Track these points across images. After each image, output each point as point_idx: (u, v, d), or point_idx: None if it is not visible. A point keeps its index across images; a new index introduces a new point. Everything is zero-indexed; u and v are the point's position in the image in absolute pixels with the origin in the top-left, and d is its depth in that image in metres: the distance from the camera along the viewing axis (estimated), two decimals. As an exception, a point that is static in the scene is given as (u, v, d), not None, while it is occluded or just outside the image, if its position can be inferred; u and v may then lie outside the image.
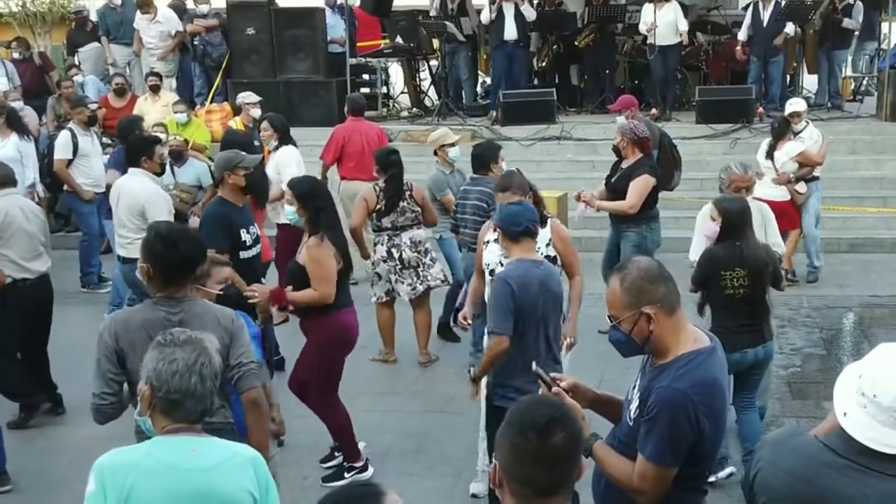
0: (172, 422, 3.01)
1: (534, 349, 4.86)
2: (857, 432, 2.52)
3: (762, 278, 5.70)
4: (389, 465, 6.40)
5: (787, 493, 2.60)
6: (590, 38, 14.85)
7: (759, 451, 2.79)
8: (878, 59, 15.41)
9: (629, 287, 3.19)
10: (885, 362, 2.55)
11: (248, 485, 3.00)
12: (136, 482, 2.88)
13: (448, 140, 8.57)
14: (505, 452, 2.42)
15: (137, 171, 7.47)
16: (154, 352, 3.05)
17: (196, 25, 14.51)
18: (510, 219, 5.01)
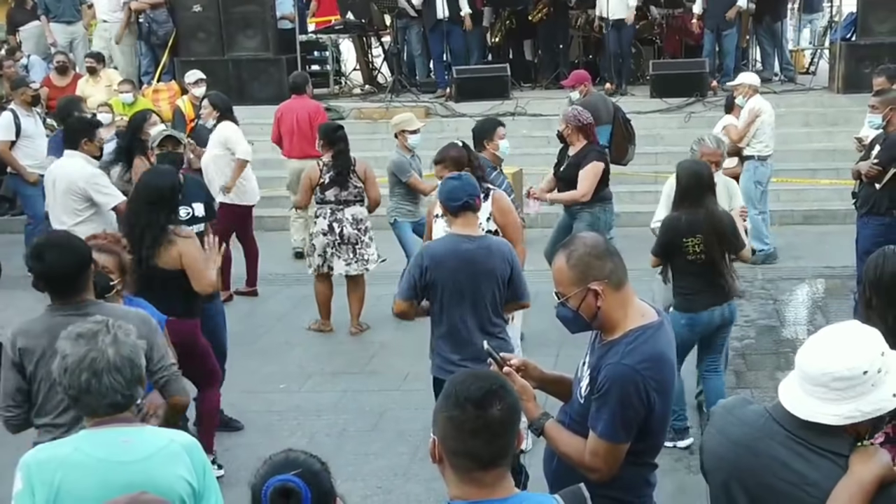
0: (85, 416, 2.95)
1: (461, 323, 4.94)
2: (783, 397, 2.59)
3: (720, 242, 5.75)
4: (346, 445, 6.37)
5: (732, 462, 2.63)
6: (543, 13, 14.76)
7: (710, 418, 2.82)
8: (830, 32, 15.50)
9: (576, 263, 3.15)
10: (818, 334, 2.59)
11: (184, 472, 2.93)
12: (64, 477, 2.81)
13: (411, 126, 8.48)
14: (443, 426, 2.39)
15: (75, 154, 7.22)
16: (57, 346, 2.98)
17: (141, 2, 14.18)
18: (449, 194, 4.99)
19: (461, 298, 4.92)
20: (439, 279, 4.89)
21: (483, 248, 4.96)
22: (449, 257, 4.91)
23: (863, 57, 13.27)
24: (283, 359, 7.89)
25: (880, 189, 7.46)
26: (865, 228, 7.59)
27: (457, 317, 4.95)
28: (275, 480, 2.27)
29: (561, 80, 13.10)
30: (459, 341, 4.95)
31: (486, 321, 4.99)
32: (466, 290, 4.91)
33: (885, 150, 7.45)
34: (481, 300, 4.95)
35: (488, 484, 2.39)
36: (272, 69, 14.35)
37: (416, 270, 4.93)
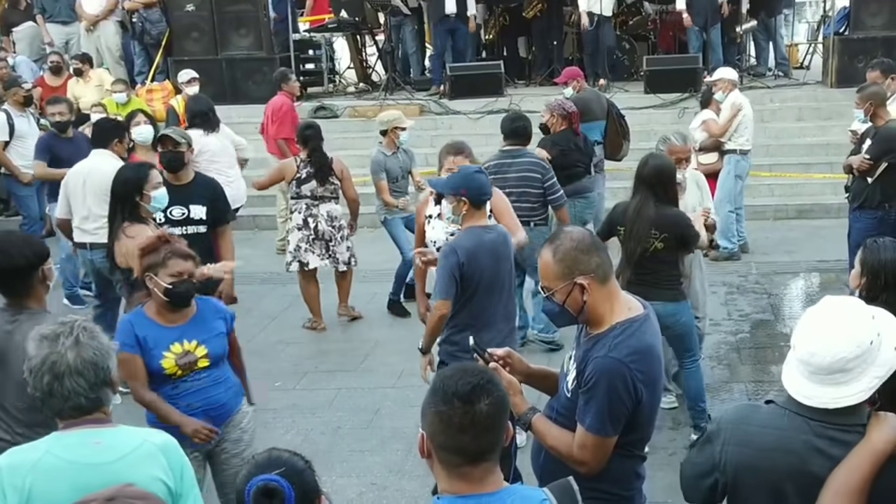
0: (55, 416, 2.93)
1: (488, 310, 5.00)
2: (786, 382, 2.62)
3: (639, 240, 5.65)
4: (341, 442, 6.38)
5: (772, 469, 2.60)
6: (537, 9, 14.77)
7: (718, 434, 2.73)
8: (824, 26, 15.51)
9: (562, 258, 3.16)
10: (810, 318, 2.62)
11: (159, 473, 2.89)
12: (35, 482, 2.78)
13: (402, 123, 8.50)
14: (431, 422, 2.40)
15: (105, 152, 7.23)
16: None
17: (134, 2, 14.14)
18: (481, 188, 4.98)
19: (492, 287, 4.99)
20: (475, 272, 4.91)
21: (500, 237, 5.09)
22: (480, 250, 4.94)
23: (856, 51, 13.28)
24: (277, 357, 7.89)
25: (872, 183, 7.48)
26: (857, 222, 7.61)
27: (486, 305, 5.00)
28: (257, 480, 2.27)
29: (555, 77, 13.10)
30: (483, 328, 4.92)
31: (510, 305, 5.17)
32: (496, 279, 5.00)
33: (876, 145, 7.47)
34: (507, 286, 5.09)
35: (477, 478, 2.40)
36: (266, 68, 14.29)
37: (454, 268, 4.88)
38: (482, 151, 12.28)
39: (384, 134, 8.54)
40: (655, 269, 5.70)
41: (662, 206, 5.65)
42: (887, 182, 7.45)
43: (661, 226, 5.63)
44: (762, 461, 2.63)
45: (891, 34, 13.25)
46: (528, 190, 7.26)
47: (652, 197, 5.65)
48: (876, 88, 7.92)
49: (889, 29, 13.33)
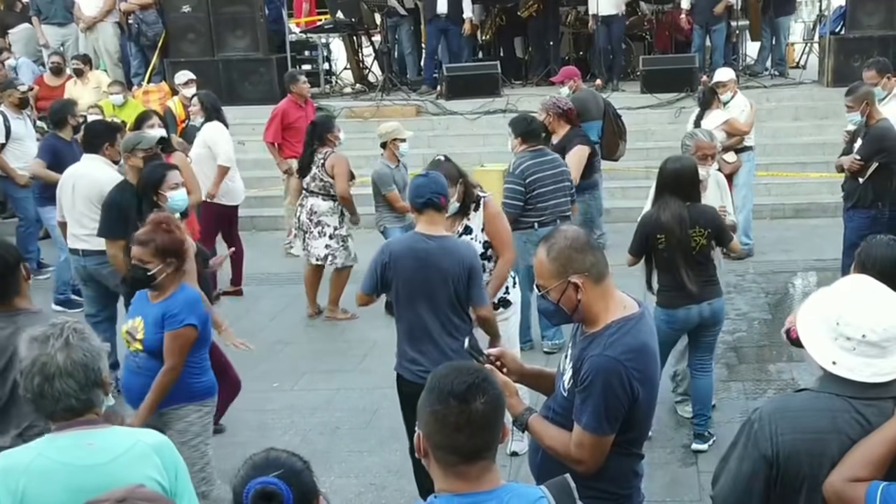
0: (43, 418, 2.94)
1: (418, 321, 4.90)
2: (855, 374, 2.62)
3: (679, 241, 5.64)
4: (339, 442, 6.39)
5: (821, 451, 2.60)
6: (533, 9, 14.75)
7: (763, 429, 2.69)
8: (820, 26, 15.52)
9: (556, 256, 3.17)
10: (856, 302, 2.66)
11: (153, 473, 2.89)
12: (28, 484, 2.76)
13: (401, 135, 8.45)
14: (427, 421, 2.41)
15: (96, 157, 7.21)
16: None
17: (130, 3, 14.13)
18: (414, 190, 4.97)
19: (416, 296, 4.88)
20: (397, 275, 4.88)
21: (440, 248, 4.86)
22: (405, 255, 4.89)
23: (852, 50, 13.30)
24: (276, 357, 7.89)
25: (863, 182, 7.47)
26: (851, 221, 7.61)
27: (413, 314, 4.92)
28: (255, 483, 2.24)
29: (551, 77, 13.11)
30: (416, 339, 4.92)
31: (446, 320, 4.90)
32: (421, 289, 4.85)
33: (867, 144, 7.46)
34: (437, 299, 4.86)
35: (474, 477, 2.41)
36: (262, 69, 14.33)
37: (378, 265, 4.94)
38: (479, 152, 12.36)
39: (384, 147, 8.51)
40: (707, 266, 5.78)
41: (693, 204, 5.71)
42: (879, 181, 7.45)
43: (701, 222, 5.68)
44: (816, 444, 2.63)
45: (887, 33, 13.28)
46: (563, 185, 7.28)
47: (681, 199, 5.66)
48: (868, 87, 7.90)
49: (885, 28, 13.35)
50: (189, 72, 11.31)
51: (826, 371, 2.68)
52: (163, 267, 4.59)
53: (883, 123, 7.59)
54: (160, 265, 4.58)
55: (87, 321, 7.18)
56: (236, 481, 2.31)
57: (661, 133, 13.03)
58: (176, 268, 4.64)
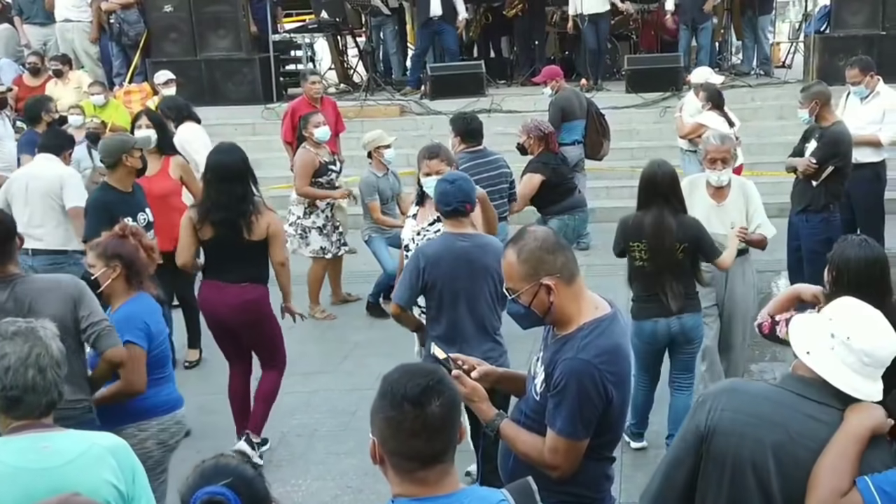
0: (15, 419, 2.84)
1: (460, 323, 4.83)
2: (822, 370, 2.61)
3: (662, 252, 5.43)
4: (317, 444, 6.34)
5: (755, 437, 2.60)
6: (519, 9, 14.71)
7: (704, 402, 2.73)
8: (805, 25, 15.52)
9: (527, 258, 3.08)
10: (856, 311, 2.68)
11: (110, 476, 2.83)
12: None
13: (384, 142, 8.36)
14: (381, 427, 2.32)
15: (52, 158, 7.11)
16: None
17: (111, 3, 14.00)
18: (440, 196, 4.91)
19: (458, 297, 4.81)
20: (437, 278, 4.78)
21: (478, 246, 4.85)
22: (445, 256, 4.81)
23: (837, 49, 13.29)
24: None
25: (817, 185, 7.36)
26: (804, 227, 7.48)
27: (455, 314, 4.84)
28: (203, 493, 2.16)
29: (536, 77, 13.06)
30: (457, 341, 4.79)
31: (485, 320, 4.87)
32: (463, 289, 4.80)
33: (823, 147, 7.33)
34: (478, 299, 4.83)
35: (433, 481, 2.33)
36: (245, 69, 14.25)
37: (414, 272, 4.82)
38: (463, 151, 12.29)
39: (370, 156, 8.45)
40: (686, 279, 5.52)
41: (680, 215, 5.47)
42: (832, 185, 7.36)
43: (679, 235, 5.42)
44: (751, 428, 2.61)
45: (871, 32, 13.29)
46: (502, 186, 7.24)
47: (667, 206, 5.43)
48: (821, 87, 7.73)
49: (869, 27, 13.36)
50: (169, 72, 11.20)
51: (793, 368, 2.68)
52: (106, 271, 4.41)
53: (838, 127, 7.47)
54: (102, 269, 4.42)
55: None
56: (184, 490, 2.21)
57: (646, 133, 13.01)
58: (123, 276, 4.43)
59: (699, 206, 5.92)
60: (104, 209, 6.19)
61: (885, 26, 13.31)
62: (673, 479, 2.75)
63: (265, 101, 13.95)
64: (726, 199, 5.95)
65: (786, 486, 2.56)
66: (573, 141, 10.19)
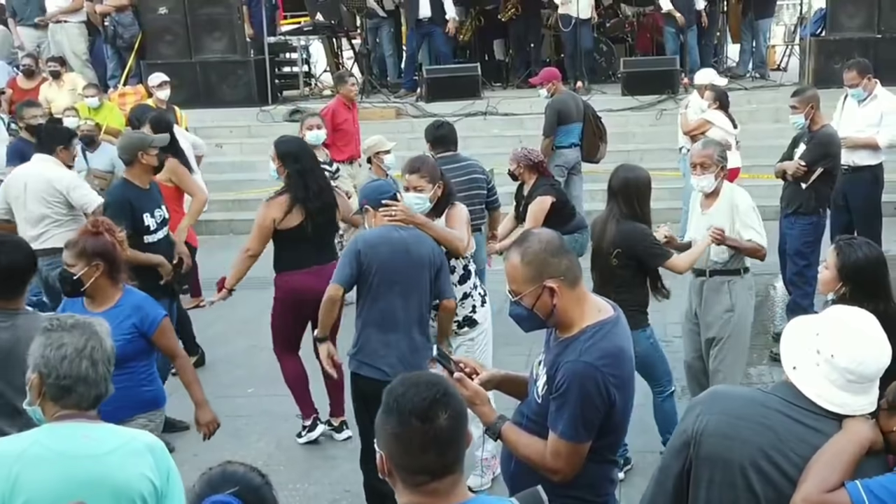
0: (63, 408, 2.91)
1: (392, 310, 4.89)
2: (806, 388, 2.58)
3: (598, 256, 5.34)
4: (314, 449, 6.31)
5: (744, 440, 2.59)
6: (513, 11, 14.71)
7: (694, 407, 2.74)
8: (800, 28, 15.54)
9: (531, 260, 3.07)
10: (844, 324, 2.61)
11: (146, 470, 2.90)
12: (22, 471, 2.78)
13: (383, 147, 8.33)
14: (389, 444, 2.27)
15: (48, 158, 7.07)
16: (41, 338, 2.94)
17: (106, 5, 13.96)
18: (379, 187, 5.12)
19: (393, 284, 4.87)
20: (374, 264, 4.86)
21: (414, 237, 4.95)
22: (383, 243, 4.90)
23: (832, 52, 13.30)
24: (251, 363, 7.77)
25: (807, 188, 7.35)
26: (793, 228, 7.47)
27: (386, 303, 4.89)
28: (209, 502, 2.13)
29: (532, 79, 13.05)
30: (385, 329, 4.88)
31: (415, 311, 4.93)
32: (399, 276, 4.88)
33: (811, 150, 7.34)
34: (413, 287, 4.91)
35: (443, 492, 2.29)
36: (241, 71, 14.22)
37: (352, 256, 4.89)
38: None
39: (370, 161, 8.43)
40: (622, 289, 5.18)
41: (625, 220, 5.29)
42: (821, 187, 7.37)
43: (617, 242, 5.28)
44: (739, 431, 2.60)
45: (866, 35, 13.29)
46: (476, 192, 7.13)
47: (617, 210, 5.31)
48: (814, 91, 7.74)
49: (865, 30, 13.37)
50: (162, 74, 11.14)
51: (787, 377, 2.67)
52: (88, 270, 4.42)
53: (827, 129, 7.50)
54: (85, 268, 4.41)
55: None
56: (190, 498, 2.19)
57: (642, 135, 13.02)
58: (106, 272, 4.45)
59: (694, 216, 5.90)
60: (126, 204, 6.25)
61: (881, 29, 13.32)
62: (664, 485, 2.76)
63: (260, 104, 13.92)
64: (711, 208, 5.72)
65: (774, 487, 2.55)
66: (570, 144, 10.17)
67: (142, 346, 4.48)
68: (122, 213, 6.10)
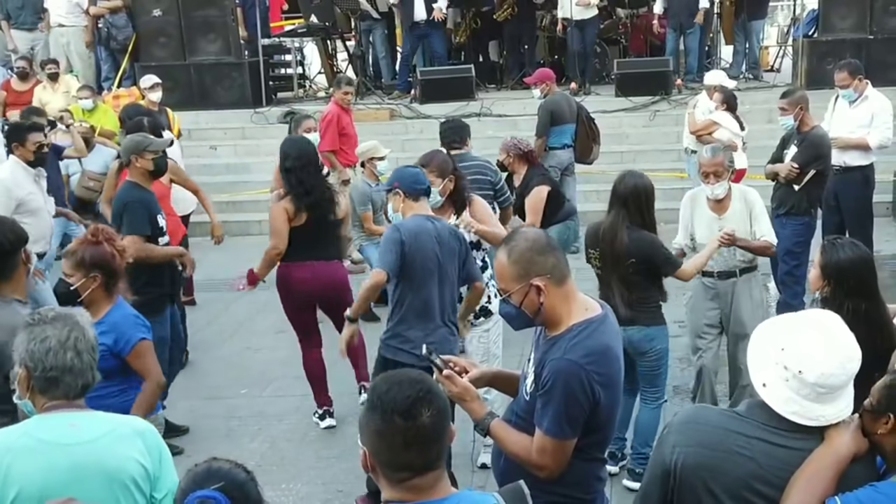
0: (51, 399, 2.97)
1: (430, 301, 5.01)
2: (779, 406, 2.53)
3: (609, 262, 5.30)
4: (307, 449, 6.33)
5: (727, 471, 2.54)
6: (508, 13, 14.72)
7: (668, 436, 2.70)
8: (793, 29, 15.58)
9: (517, 259, 3.10)
10: (808, 338, 2.55)
11: (136, 454, 2.96)
12: (13, 462, 2.84)
13: (378, 153, 8.36)
14: (372, 441, 2.30)
15: (11, 158, 7.09)
16: (24, 333, 2.99)
17: (99, 7, 13.94)
18: (415, 177, 5.16)
19: (433, 274, 4.99)
20: (416, 254, 4.94)
21: (445, 228, 5.10)
22: (422, 233, 5.00)
23: (825, 53, 13.33)
24: (244, 364, 7.80)
25: (799, 189, 7.39)
26: (784, 229, 7.45)
27: (428, 292, 5.01)
28: (195, 497, 2.15)
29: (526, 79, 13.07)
30: (427, 318, 5.02)
31: (450, 299, 5.10)
32: (436, 267, 5.00)
33: (803, 151, 7.37)
34: (446, 277, 5.06)
35: (427, 487, 2.32)
36: (235, 73, 14.21)
37: (396, 243, 4.93)
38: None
39: (363, 166, 8.45)
40: (642, 287, 5.33)
41: (635, 229, 5.28)
42: (813, 188, 7.41)
43: (632, 251, 5.25)
44: (719, 462, 2.57)
45: (859, 36, 13.33)
46: (481, 192, 7.13)
47: (626, 218, 5.27)
48: (803, 93, 7.79)
49: (857, 31, 13.40)
50: (154, 76, 11.14)
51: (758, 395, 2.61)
52: (86, 281, 4.33)
53: (818, 131, 7.54)
54: (82, 279, 4.33)
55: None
56: (176, 494, 2.21)
57: (635, 136, 13.04)
58: (102, 284, 4.36)
59: (702, 221, 5.85)
60: (144, 205, 6.18)
61: (873, 30, 13.36)
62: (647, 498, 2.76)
63: (254, 106, 13.92)
64: (728, 211, 5.77)
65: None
66: (563, 145, 10.20)
67: (112, 364, 4.25)
68: (142, 213, 6.10)
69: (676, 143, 12.79)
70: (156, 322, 6.00)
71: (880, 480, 2.53)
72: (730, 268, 5.83)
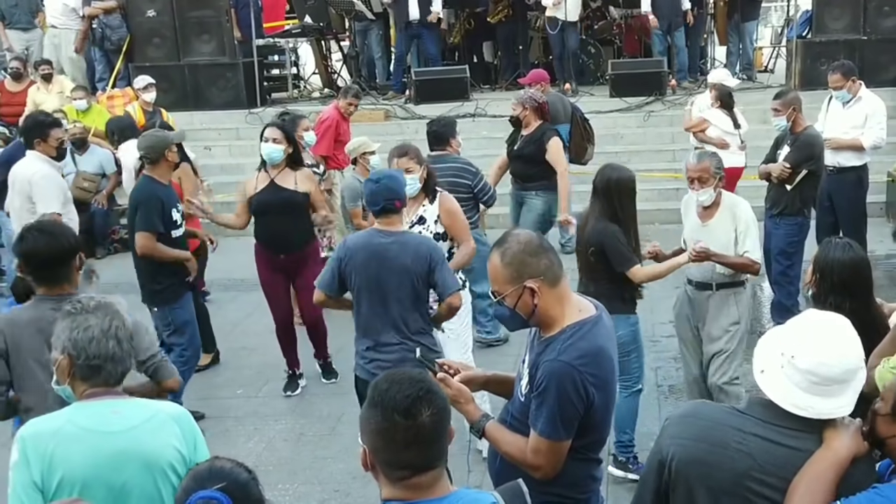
0: (92, 386, 3.03)
1: (374, 318, 4.83)
2: (771, 391, 2.55)
3: (579, 251, 5.52)
4: (304, 449, 6.32)
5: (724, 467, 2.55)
6: (502, 14, 14.75)
7: (669, 427, 2.72)
8: (787, 30, 15.62)
9: (510, 261, 3.10)
10: (808, 327, 2.58)
11: (174, 441, 3.02)
12: (57, 448, 2.90)
13: (369, 148, 8.36)
14: (372, 439, 2.31)
15: (31, 153, 7.09)
16: (66, 321, 3.05)
17: (94, 8, 13.92)
18: (368, 197, 4.92)
19: (371, 292, 4.81)
20: (352, 271, 4.83)
21: (397, 243, 4.80)
22: (361, 250, 4.83)
23: (818, 54, 13.35)
24: (240, 364, 7.80)
25: (791, 190, 7.42)
26: (778, 229, 7.53)
27: (369, 311, 4.85)
28: (197, 497, 2.16)
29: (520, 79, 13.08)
30: (371, 335, 4.85)
31: (399, 318, 4.81)
32: (375, 284, 4.78)
33: (795, 152, 7.40)
34: (392, 295, 4.78)
35: (426, 486, 2.33)
36: (229, 74, 14.19)
37: (335, 261, 4.91)
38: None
39: (355, 162, 8.46)
40: (601, 278, 5.36)
41: (602, 219, 5.34)
42: (806, 189, 7.44)
43: (592, 240, 5.36)
44: (715, 458, 2.58)
45: (852, 37, 13.36)
46: (458, 195, 7.12)
47: (598, 208, 5.37)
48: (796, 94, 7.82)
49: (850, 32, 13.43)
50: (148, 76, 11.14)
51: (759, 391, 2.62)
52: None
53: (811, 131, 7.58)
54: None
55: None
56: (178, 493, 2.21)
57: (630, 137, 13.06)
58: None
59: (689, 226, 5.85)
60: (158, 201, 6.31)
61: (867, 31, 13.39)
62: (642, 498, 2.78)
63: (249, 106, 13.91)
64: (712, 220, 5.64)
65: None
66: (558, 145, 10.20)
67: None
68: (155, 210, 6.28)
69: (671, 143, 12.86)
70: (175, 308, 6.45)
71: (881, 482, 2.51)
72: (706, 280, 5.63)
